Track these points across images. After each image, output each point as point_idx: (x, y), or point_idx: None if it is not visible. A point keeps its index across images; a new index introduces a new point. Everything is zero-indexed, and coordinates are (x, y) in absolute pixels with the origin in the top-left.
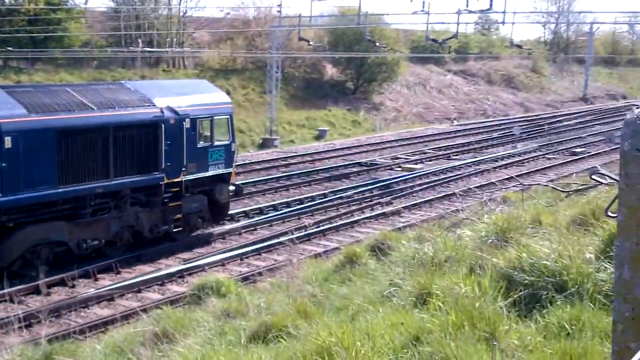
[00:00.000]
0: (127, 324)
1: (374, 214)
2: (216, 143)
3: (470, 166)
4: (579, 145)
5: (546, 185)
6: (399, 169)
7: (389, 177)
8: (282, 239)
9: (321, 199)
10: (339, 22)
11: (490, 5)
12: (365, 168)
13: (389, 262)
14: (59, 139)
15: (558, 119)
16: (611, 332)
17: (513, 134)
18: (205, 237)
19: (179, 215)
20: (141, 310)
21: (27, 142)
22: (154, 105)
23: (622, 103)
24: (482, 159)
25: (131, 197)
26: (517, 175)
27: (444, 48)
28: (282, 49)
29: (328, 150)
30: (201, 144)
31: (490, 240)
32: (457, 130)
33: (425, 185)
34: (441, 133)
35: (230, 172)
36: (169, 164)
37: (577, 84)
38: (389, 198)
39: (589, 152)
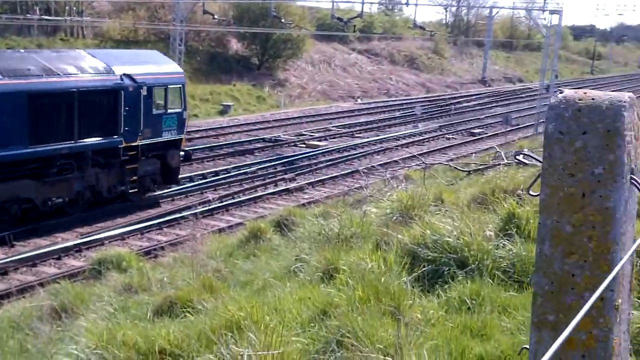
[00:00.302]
0: (23, 299)
1: (277, 190)
2: (169, 110)
3: (373, 144)
4: (477, 126)
5: (447, 165)
6: (303, 145)
7: (293, 154)
8: (184, 213)
9: (225, 174)
10: None
11: None
12: (269, 144)
13: (294, 237)
14: (30, 102)
15: (458, 100)
16: (531, 305)
17: (415, 114)
18: (106, 211)
19: (134, 178)
20: (38, 284)
21: (1, 104)
22: (114, 74)
23: (519, 86)
24: (385, 138)
25: (92, 159)
26: (418, 154)
27: (348, 27)
28: (186, 21)
29: (232, 126)
30: (156, 111)
31: (395, 217)
32: (361, 109)
33: (329, 163)
34: (345, 111)
35: (182, 139)
36: (127, 128)
37: (476, 66)
38: (292, 174)
39: (486, 133)
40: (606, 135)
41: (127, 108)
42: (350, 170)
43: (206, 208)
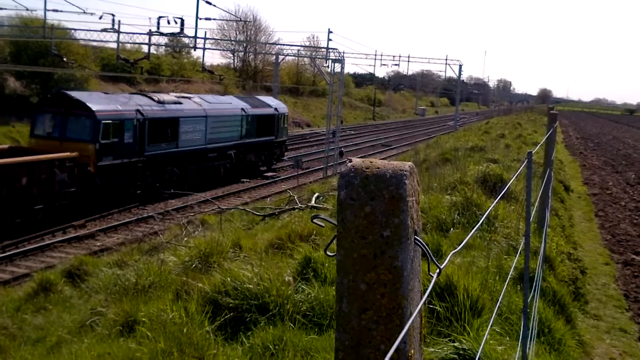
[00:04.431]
0: None
1: (66, 237)
2: (284, 125)
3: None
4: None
5: (243, 209)
6: None
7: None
8: None
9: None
10: (22, 33)
11: (181, 29)
12: None
13: (88, 289)
14: (258, 119)
15: None
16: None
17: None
18: None
19: (276, 157)
20: None
21: (247, 119)
22: (272, 107)
23: (307, 131)
24: None
25: (264, 145)
26: (213, 198)
27: (135, 68)
28: None
29: None
30: (281, 125)
31: (194, 265)
32: None
33: (121, 208)
34: None
35: (286, 139)
36: (276, 132)
37: None
38: (82, 221)
39: (279, 176)
40: (391, 201)
41: (275, 123)
42: (144, 216)
43: None
